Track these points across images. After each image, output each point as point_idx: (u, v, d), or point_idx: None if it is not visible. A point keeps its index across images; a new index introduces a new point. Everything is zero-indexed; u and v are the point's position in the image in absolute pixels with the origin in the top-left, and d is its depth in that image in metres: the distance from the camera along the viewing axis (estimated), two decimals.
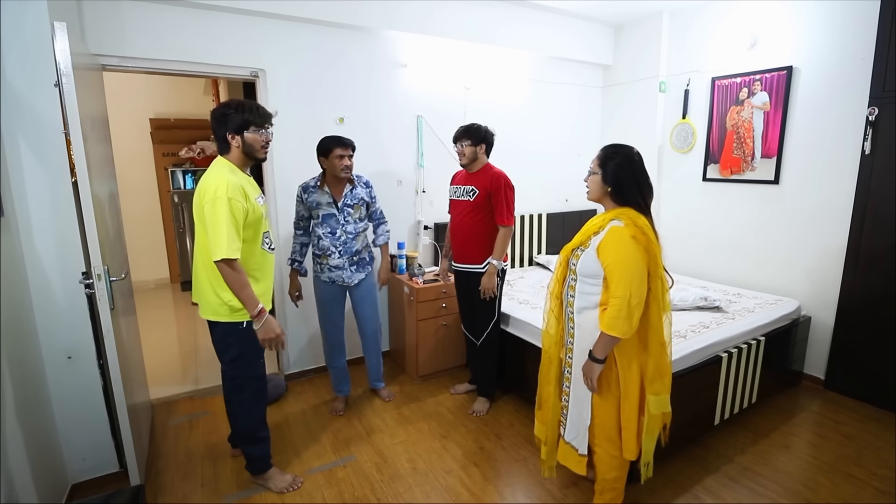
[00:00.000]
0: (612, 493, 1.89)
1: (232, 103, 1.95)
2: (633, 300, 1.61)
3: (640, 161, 1.74)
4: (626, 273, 1.62)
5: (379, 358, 3.00)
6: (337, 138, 2.55)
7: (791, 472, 2.34)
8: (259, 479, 2.24)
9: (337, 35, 3.12)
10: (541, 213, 4.16)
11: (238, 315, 1.98)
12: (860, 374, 2.96)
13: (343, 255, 2.64)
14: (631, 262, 1.63)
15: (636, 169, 1.72)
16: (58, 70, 1.71)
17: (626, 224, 1.67)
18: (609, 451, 1.82)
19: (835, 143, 3.01)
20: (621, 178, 1.71)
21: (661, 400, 1.75)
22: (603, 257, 1.68)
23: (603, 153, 1.77)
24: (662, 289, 1.71)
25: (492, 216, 2.69)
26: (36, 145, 1.95)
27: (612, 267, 1.65)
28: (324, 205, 2.60)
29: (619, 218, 1.69)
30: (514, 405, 2.92)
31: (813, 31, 3.06)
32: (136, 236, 5.20)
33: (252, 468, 2.23)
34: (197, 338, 4.12)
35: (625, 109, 4.28)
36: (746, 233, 3.55)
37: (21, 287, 1.95)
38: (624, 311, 1.61)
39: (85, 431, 2.19)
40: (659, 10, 3.82)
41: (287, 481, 2.23)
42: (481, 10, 3.47)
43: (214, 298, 1.97)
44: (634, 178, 1.71)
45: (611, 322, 1.64)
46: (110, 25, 2.49)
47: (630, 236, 1.64)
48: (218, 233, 1.81)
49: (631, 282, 1.61)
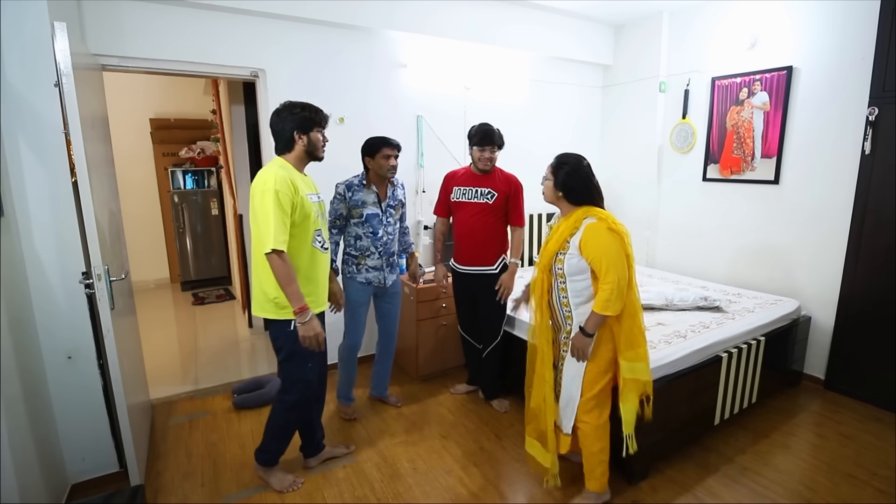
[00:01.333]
0: (600, 468, 2.01)
1: (298, 104, 2.02)
2: (621, 283, 1.83)
3: (587, 168, 1.97)
4: (612, 261, 1.83)
5: (391, 362, 2.96)
6: (385, 138, 2.52)
7: (791, 472, 2.34)
8: (262, 471, 2.25)
9: (337, 35, 3.12)
10: (540, 213, 4.17)
11: (284, 313, 1.99)
12: (860, 374, 2.96)
13: (382, 255, 2.61)
14: (613, 251, 1.84)
15: (583, 174, 1.94)
16: (58, 70, 1.71)
17: (599, 219, 1.88)
18: (592, 421, 1.98)
19: (835, 143, 3.01)
20: (572, 183, 1.93)
21: (635, 367, 1.92)
22: (586, 253, 1.88)
23: (556, 161, 1.99)
24: (631, 268, 1.90)
25: (503, 218, 2.74)
26: (36, 145, 1.95)
27: (598, 259, 1.85)
28: (369, 204, 2.55)
29: (589, 215, 1.90)
30: (515, 405, 2.92)
31: (813, 31, 3.06)
32: (136, 236, 5.21)
33: (261, 457, 2.23)
34: (197, 338, 4.13)
35: (625, 109, 4.28)
36: (746, 233, 3.55)
37: (21, 287, 1.95)
38: (615, 293, 1.82)
39: (85, 431, 2.19)
40: (659, 10, 3.82)
41: (288, 481, 2.23)
42: (481, 10, 3.47)
43: (261, 294, 2.01)
44: (583, 182, 1.93)
45: (604, 304, 1.84)
46: (110, 25, 2.49)
47: (606, 228, 1.85)
48: (266, 224, 1.85)
49: (617, 267, 1.83)
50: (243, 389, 3.03)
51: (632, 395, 1.95)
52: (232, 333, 4.21)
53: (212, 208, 5.58)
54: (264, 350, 3.81)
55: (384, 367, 2.93)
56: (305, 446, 2.36)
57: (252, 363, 3.61)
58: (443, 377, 3.30)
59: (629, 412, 1.95)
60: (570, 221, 1.92)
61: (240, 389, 3.03)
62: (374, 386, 2.98)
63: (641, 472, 2.26)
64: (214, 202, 5.57)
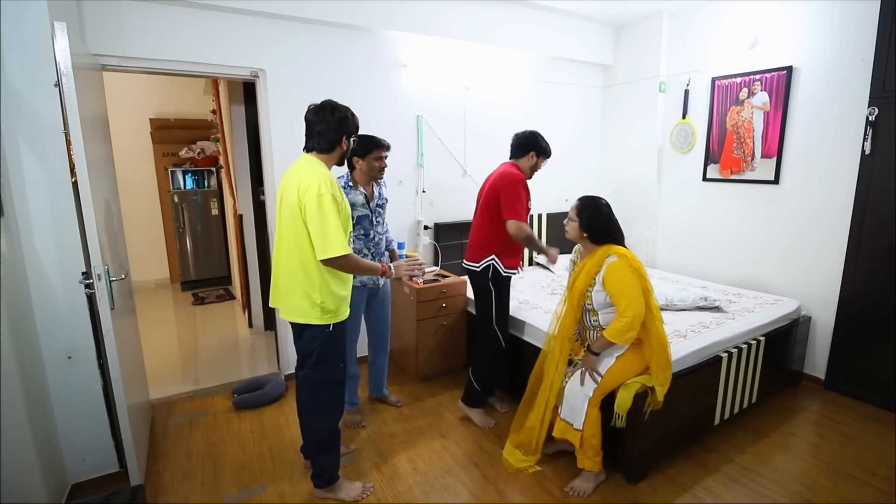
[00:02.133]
0: (592, 451, 2.15)
1: (347, 109, 1.98)
2: (636, 318, 2.03)
3: (608, 211, 2.19)
4: (631, 297, 2.04)
5: (386, 360, 2.94)
6: (377, 139, 2.45)
7: (791, 472, 2.34)
8: (327, 491, 2.14)
9: (337, 35, 3.12)
10: (541, 213, 4.17)
11: (327, 318, 1.95)
12: (860, 374, 2.96)
13: (375, 256, 2.58)
14: (631, 288, 2.04)
15: (605, 217, 2.16)
16: (58, 70, 1.71)
17: (620, 257, 2.09)
18: (593, 413, 2.14)
19: (835, 143, 3.01)
20: (594, 226, 2.15)
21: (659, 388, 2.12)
22: (608, 287, 2.09)
23: (579, 205, 2.20)
24: (651, 300, 2.11)
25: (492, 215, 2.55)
26: (36, 145, 1.95)
27: (617, 294, 2.06)
28: (358, 206, 2.47)
29: (611, 253, 2.11)
30: (514, 405, 2.92)
31: (813, 31, 3.06)
32: (136, 236, 5.21)
33: (320, 481, 2.13)
34: (197, 338, 4.13)
35: (625, 109, 4.28)
36: (746, 232, 3.55)
37: (21, 287, 1.96)
38: (627, 325, 2.03)
39: (85, 431, 2.19)
40: (659, 10, 3.82)
41: (357, 490, 2.15)
42: (481, 11, 3.47)
43: (305, 301, 1.92)
44: (603, 225, 2.15)
45: (617, 334, 2.06)
46: (110, 25, 2.49)
47: (626, 266, 2.07)
48: (326, 230, 1.80)
49: (635, 304, 2.03)
50: (243, 389, 3.03)
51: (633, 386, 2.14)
52: (232, 333, 4.21)
53: (212, 208, 5.58)
54: (264, 350, 3.81)
55: (379, 367, 2.92)
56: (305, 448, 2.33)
57: (252, 363, 3.61)
58: (443, 377, 3.30)
59: (626, 399, 2.11)
60: (594, 260, 2.13)
61: (240, 389, 3.03)
62: (372, 387, 2.98)
63: (641, 472, 2.26)
64: (214, 202, 5.58)
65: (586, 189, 4.51)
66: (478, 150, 3.83)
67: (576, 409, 2.14)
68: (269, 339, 3.97)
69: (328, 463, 2.12)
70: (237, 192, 4.09)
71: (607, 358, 2.17)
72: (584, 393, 2.13)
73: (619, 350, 2.16)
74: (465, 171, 3.80)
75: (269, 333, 4.06)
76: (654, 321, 2.10)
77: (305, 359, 2.05)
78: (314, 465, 2.13)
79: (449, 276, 3.35)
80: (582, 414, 2.12)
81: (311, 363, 2.02)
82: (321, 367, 2.03)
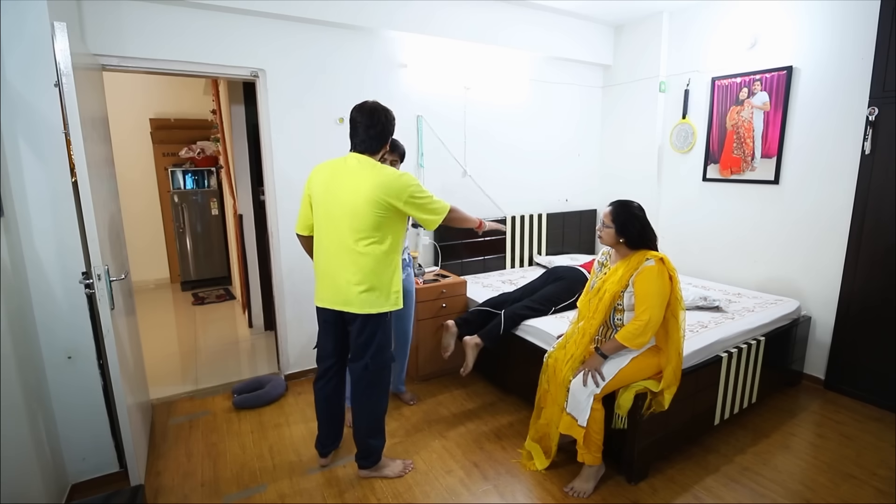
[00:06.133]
0: (594, 446, 2.16)
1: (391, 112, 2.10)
2: (650, 324, 2.05)
3: (641, 213, 2.17)
4: (653, 303, 2.04)
5: (406, 358, 2.94)
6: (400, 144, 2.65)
7: (791, 472, 2.34)
8: (373, 470, 2.28)
9: (337, 35, 3.11)
10: (541, 213, 4.17)
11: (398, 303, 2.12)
12: (860, 374, 2.96)
13: None
14: (656, 296, 2.05)
15: (640, 222, 2.15)
16: (58, 70, 1.71)
17: (657, 262, 2.09)
18: (598, 409, 2.14)
19: (835, 143, 3.01)
20: (630, 230, 2.14)
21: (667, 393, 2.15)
22: (637, 287, 2.10)
23: (612, 210, 2.19)
24: (680, 308, 2.13)
25: None
26: (36, 145, 1.95)
27: (640, 297, 2.08)
28: None
29: (648, 257, 2.11)
30: (515, 405, 2.92)
31: (813, 31, 3.06)
32: (136, 236, 5.21)
33: (369, 461, 2.26)
34: (197, 338, 4.13)
35: (625, 109, 4.28)
36: (746, 232, 3.55)
37: (21, 287, 1.95)
38: (641, 330, 2.05)
39: (85, 431, 2.19)
40: (659, 10, 3.82)
41: (399, 466, 2.31)
42: (481, 11, 3.47)
43: (380, 292, 2.05)
44: (639, 230, 2.15)
45: (629, 336, 2.07)
46: (110, 25, 2.49)
47: (661, 273, 2.07)
48: (432, 202, 2.05)
49: (655, 311, 2.04)
50: (243, 389, 3.03)
51: (632, 392, 2.16)
52: (232, 333, 4.21)
53: (212, 208, 5.58)
54: (264, 350, 3.81)
55: (399, 363, 2.91)
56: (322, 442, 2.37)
57: (252, 363, 3.61)
58: (443, 377, 3.30)
59: (626, 399, 2.15)
60: (630, 264, 2.14)
61: (240, 389, 3.03)
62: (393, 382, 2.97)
63: (641, 472, 2.26)
64: (214, 202, 5.58)
65: (586, 189, 4.52)
66: (478, 151, 3.82)
67: (581, 405, 2.14)
68: (269, 339, 3.97)
69: (380, 444, 2.26)
70: (237, 192, 4.09)
71: (622, 357, 2.16)
72: (590, 389, 2.13)
73: (635, 351, 2.16)
74: (466, 171, 3.80)
75: (269, 333, 4.06)
76: (678, 330, 2.12)
77: (365, 349, 2.13)
78: (363, 448, 2.25)
79: (449, 276, 3.35)
80: (587, 411, 2.12)
81: (373, 352, 2.12)
82: (382, 354, 2.15)
